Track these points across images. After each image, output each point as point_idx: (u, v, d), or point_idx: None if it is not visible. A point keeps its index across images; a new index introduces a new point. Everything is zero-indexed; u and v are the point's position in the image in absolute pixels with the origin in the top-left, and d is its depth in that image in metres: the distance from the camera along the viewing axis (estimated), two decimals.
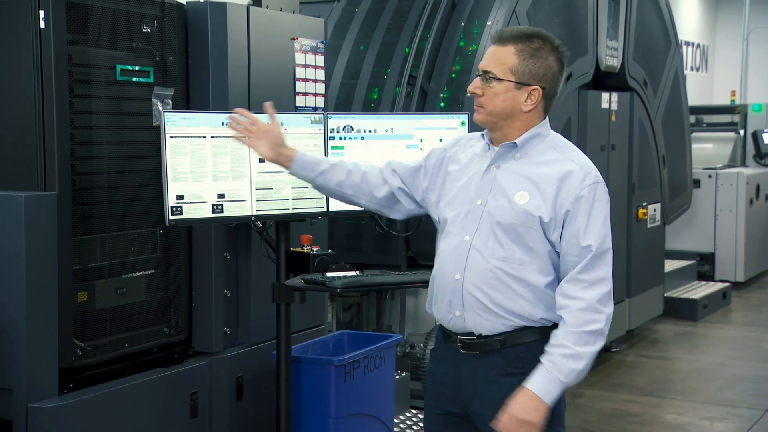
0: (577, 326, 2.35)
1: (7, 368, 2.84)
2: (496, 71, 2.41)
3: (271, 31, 3.69)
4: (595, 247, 2.39)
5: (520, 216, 2.41)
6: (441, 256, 2.51)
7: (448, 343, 2.52)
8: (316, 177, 2.67)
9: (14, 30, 2.95)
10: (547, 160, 2.45)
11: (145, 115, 3.31)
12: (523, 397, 2.33)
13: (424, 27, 5.21)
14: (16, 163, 2.99)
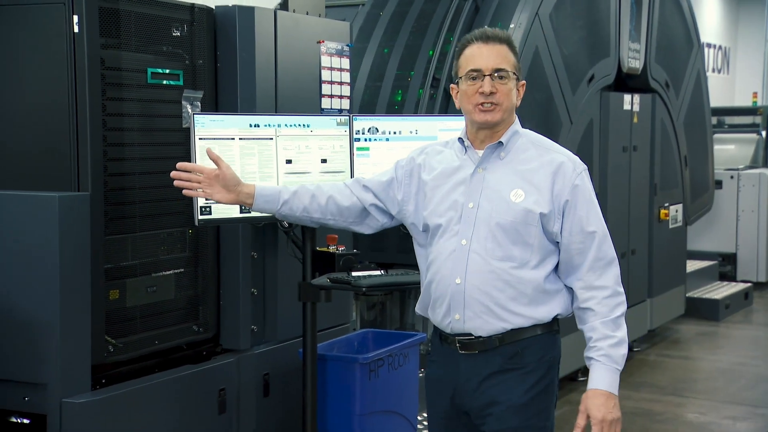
0: (609, 314, 2.41)
1: (41, 364, 2.87)
2: (508, 67, 2.44)
3: (298, 34, 3.70)
4: (599, 231, 2.44)
5: (520, 214, 2.41)
6: (437, 261, 2.48)
7: (445, 344, 2.51)
8: (281, 208, 2.63)
9: (49, 34, 2.97)
10: (531, 156, 2.47)
11: (175, 117, 3.34)
12: (599, 398, 2.38)
13: (448, 30, 5.21)
14: (51, 165, 3.01)
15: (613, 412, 2.38)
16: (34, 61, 3.01)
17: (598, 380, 2.39)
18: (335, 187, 2.67)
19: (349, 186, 2.67)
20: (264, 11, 3.53)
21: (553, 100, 5.31)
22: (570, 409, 5.32)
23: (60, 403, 2.86)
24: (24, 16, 3.02)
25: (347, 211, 2.65)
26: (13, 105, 3.07)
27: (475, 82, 2.43)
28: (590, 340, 2.42)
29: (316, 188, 2.67)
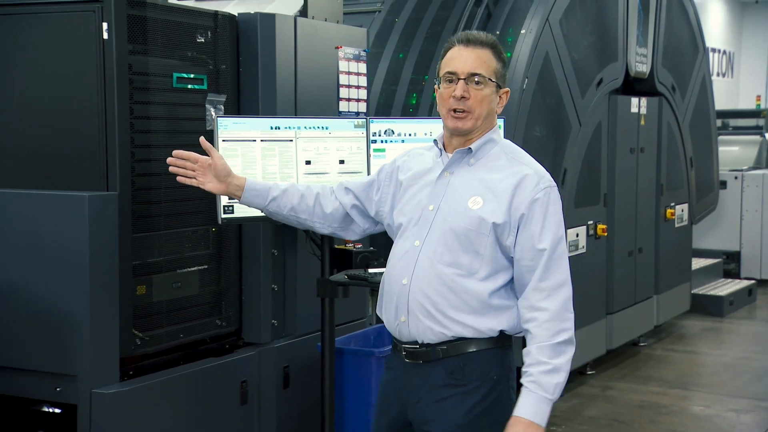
0: (548, 339, 2.22)
1: (72, 356, 2.89)
2: (485, 73, 2.29)
3: (317, 40, 3.71)
4: (549, 250, 2.26)
5: (473, 221, 2.28)
6: (391, 261, 2.40)
7: (396, 352, 2.41)
8: (268, 204, 2.55)
9: (80, 40, 2.98)
10: (501, 165, 2.33)
11: (199, 120, 3.35)
12: (518, 426, 2.20)
13: None
14: (81, 165, 3.02)
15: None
16: (65, 66, 3.03)
17: (522, 407, 2.20)
18: (323, 191, 2.59)
19: (334, 191, 2.60)
20: (284, 18, 3.54)
21: (562, 103, 5.30)
22: (578, 402, 5.31)
23: (90, 394, 2.88)
24: (56, 23, 3.04)
25: (331, 216, 2.58)
26: (46, 108, 3.08)
27: (450, 85, 2.30)
28: (525, 364, 2.23)
29: (306, 189, 2.59)
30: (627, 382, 5.67)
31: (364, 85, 4.01)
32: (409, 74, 5.37)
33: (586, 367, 5.78)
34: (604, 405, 5.22)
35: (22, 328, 2.92)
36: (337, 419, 3.52)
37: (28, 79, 3.09)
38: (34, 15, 3.07)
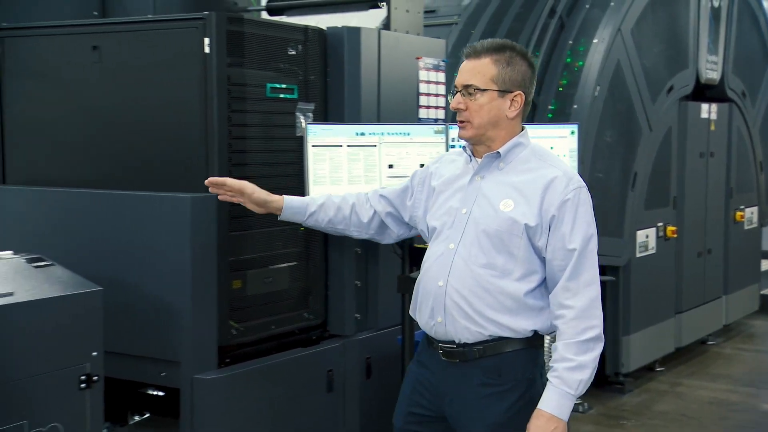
0: (575, 336, 2.18)
1: (176, 344, 2.95)
2: (478, 83, 2.26)
3: (399, 51, 3.73)
4: (579, 250, 2.21)
5: (505, 223, 2.24)
6: (426, 263, 2.36)
7: (431, 349, 2.37)
8: (307, 219, 2.59)
9: (184, 54, 3.04)
10: (530, 168, 2.29)
11: (290, 126, 3.39)
12: (540, 419, 2.17)
13: (534, 46, 5.18)
14: (184, 169, 3.08)
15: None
16: (170, 77, 3.09)
17: (545, 401, 2.18)
18: (359, 200, 2.59)
19: (369, 198, 2.59)
20: (369, 31, 3.57)
21: (633, 109, 5.21)
22: (648, 397, 5.21)
23: (191, 379, 2.93)
24: (163, 39, 3.11)
25: (367, 224, 2.59)
26: (153, 117, 3.15)
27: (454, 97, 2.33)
28: (552, 359, 2.20)
29: (342, 200, 2.59)
30: (696, 379, 5.53)
31: (442, 93, 4.01)
32: None
33: (656, 364, 5.67)
34: (674, 401, 5.10)
35: (132, 319, 3.00)
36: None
37: (136, 89, 3.17)
38: (144, 32, 3.15)
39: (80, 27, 3.32)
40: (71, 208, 3.15)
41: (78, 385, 2.40)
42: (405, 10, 3.86)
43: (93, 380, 2.44)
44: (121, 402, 3.48)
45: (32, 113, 3.40)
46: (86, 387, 2.42)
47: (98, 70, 3.21)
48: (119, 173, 3.21)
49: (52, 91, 3.34)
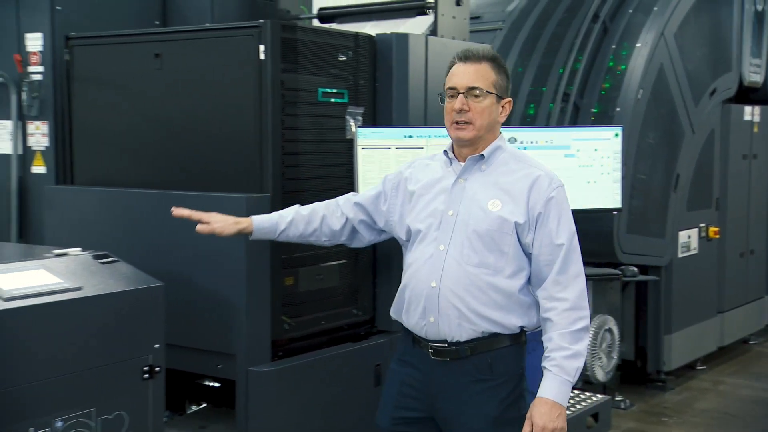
0: (568, 326, 2.21)
1: (232, 338, 2.97)
2: (483, 86, 2.27)
3: (445, 57, 3.67)
4: (567, 245, 2.24)
5: (495, 222, 2.26)
6: (414, 265, 2.34)
7: (418, 348, 2.35)
8: (278, 237, 2.59)
9: (240, 60, 3.07)
10: (512, 169, 2.31)
11: (340, 129, 3.40)
12: (543, 407, 2.19)
13: (578, 50, 5.12)
14: (240, 170, 3.11)
15: (555, 421, 2.18)
16: (227, 83, 3.12)
17: (546, 389, 2.21)
18: (328, 209, 2.59)
19: (340, 206, 2.58)
20: (417, 37, 3.57)
21: (676, 112, 5.12)
22: (690, 395, 5.11)
23: (246, 371, 2.95)
24: (220, 46, 3.14)
25: (339, 232, 2.59)
26: (210, 120, 3.18)
27: (451, 99, 2.30)
28: (546, 349, 2.24)
29: (311, 212, 2.59)
30: (738, 377, 5.41)
31: None
32: (527, 87, 5.32)
33: (697, 363, 5.56)
34: (716, 399, 5.00)
35: (191, 313, 3.03)
36: None
37: (195, 94, 3.20)
38: (203, 40, 3.19)
39: (143, 36, 3.37)
40: (135, 208, 3.20)
41: (141, 376, 2.44)
42: (451, 16, 3.85)
43: (155, 371, 2.47)
44: (180, 392, 3.54)
45: (98, 118, 3.46)
46: (149, 377, 2.45)
47: (160, 77, 3.25)
48: (179, 174, 3.24)
49: (116, 96, 3.40)
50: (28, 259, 2.44)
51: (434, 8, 3.79)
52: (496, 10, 5.81)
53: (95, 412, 2.31)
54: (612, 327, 4.79)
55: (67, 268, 2.41)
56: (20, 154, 3.83)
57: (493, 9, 5.83)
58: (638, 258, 4.97)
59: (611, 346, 4.82)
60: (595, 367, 4.71)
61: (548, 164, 3.07)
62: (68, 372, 2.25)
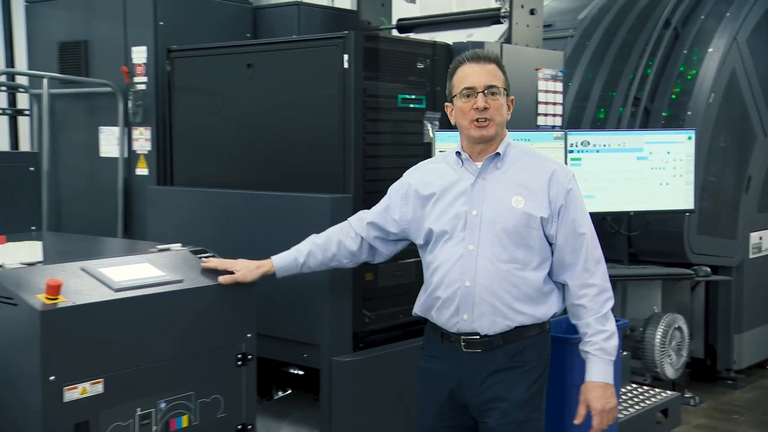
0: (600, 309, 2.25)
1: (316, 329, 3.00)
2: (499, 84, 2.27)
3: (519, 63, 3.68)
4: (588, 233, 2.28)
5: (522, 219, 2.24)
6: (443, 266, 2.30)
7: (447, 342, 2.33)
8: (300, 270, 2.55)
9: (325, 69, 3.09)
10: (526, 165, 2.29)
11: (418, 134, 3.39)
12: (597, 390, 2.24)
13: (649, 56, 4.99)
14: (324, 172, 3.13)
15: (610, 401, 2.24)
16: (313, 90, 3.14)
17: (595, 373, 2.24)
18: (342, 232, 2.55)
19: (353, 227, 2.54)
20: (492, 45, 3.54)
21: (747, 115, 4.93)
22: (760, 393, 4.92)
23: (330, 361, 2.97)
24: (307, 56, 3.17)
25: (358, 252, 2.55)
26: (298, 125, 3.21)
27: (469, 99, 2.25)
28: (585, 335, 2.27)
29: (326, 239, 2.54)
30: None
31: (560, 102, 3.93)
32: (598, 92, 5.22)
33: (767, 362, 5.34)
34: None
35: (279, 306, 3.07)
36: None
37: (284, 101, 3.24)
38: (291, 50, 3.22)
39: (236, 47, 3.44)
40: (228, 207, 3.26)
41: (235, 363, 2.48)
42: (525, 24, 3.81)
43: (248, 359, 2.51)
44: (267, 379, 3.59)
45: (195, 123, 3.54)
46: (242, 365, 2.49)
47: (251, 85, 3.31)
48: (268, 176, 3.29)
49: (212, 103, 3.47)
50: (134, 253, 2.51)
51: (509, 17, 3.76)
52: (567, 18, 5.71)
53: (194, 395, 2.36)
54: (681, 325, 4.66)
55: (169, 262, 2.46)
56: (126, 157, 3.97)
57: (565, 17, 5.73)
58: (708, 258, 4.81)
59: (680, 344, 4.68)
60: (664, 365, 4.58)
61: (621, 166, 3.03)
62: (170, 358, 2.30)
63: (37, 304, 2.03)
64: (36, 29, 4.23)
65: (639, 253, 4.80)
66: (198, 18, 3.92)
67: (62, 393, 2.06)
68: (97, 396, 2.12)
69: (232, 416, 2.47)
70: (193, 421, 2.36)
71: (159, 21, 3.77)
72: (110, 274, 2.26)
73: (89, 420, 2.11)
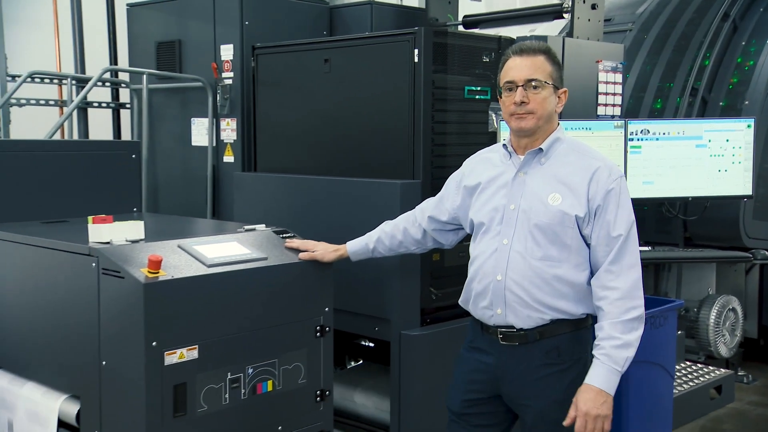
0: (619, 315, 2.00)
1: (388, 305, 3.01)
2: (541, 77, 2.08)
3: (581, 55, 3.59)
4: (624, 236, 2.03)
5: (556, 216, 2.06)
6: (479, 258, 2.18)
7: (486, 334, 2.19)
8: (372, 255, 2.50)
9: (396, 63, 3.08)
10: (571, 161, 2.10)
11: (483, 123, 3.35)
12: (589, 393, 2.00)
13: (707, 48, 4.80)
14: (395, 160, 3.13)
15: (600, 408, 1.99)
16: (385, 83, 3.14)
17: (593, 377, 2.01)
18: (408, 220, 2.47)
19: (417, 218, 2.45)
20: (555, 38, 3.46)
21: None
22: None
23: (399, 334, 2.98)
24: (380, 51, 3.16)
25: (422, 241, 2.46)
26: (371, 116, 3.21)
27: (510, 93, 2.10)
28: (597, 338, 2.03)
29: (394, 227, 2.48)
30: None
31: (619, 93, 3.82)
32: (656, 83, 5.05)
33: None
34: None
35: (354, 283, 3.09)
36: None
37: (358, 93, 3.25)
38: (364, 46, 3.23)
39: (314, 44, 3.45)
40: (307, 191, 3.28)
41: (314, 334, 2.50)
42: (587, 19, 3.70)
43: (326, 330, 2.52)
44: (341, 350, 3.63)
45: (277, 114, 3.58)
46: (320, 336, 2.51)
47: (328, 79, 3.32)
48: (343, 163, 3.30)
49: (292, 96, 3.50)
50: (223, 233, 2.54)
51: (571, 12, 3.66)
52: (626, 12, 5.53)
53: (278, 362, 2.39)
54: (735, 306, 4.51)
55: (255, 241, 2.49)
56: (214, 146, 4.05)
57: (624, 11, 5.55)
58: (764, 243, 4.61)
59: (734, 324, 4.52)
60: (718, 344, 4.44)
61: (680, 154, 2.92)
62: (256, 328, 2.34)
63: (141, 277, 2.09)
64: (136, 30, 4.35)
65: (694, 237, 4.65)
66: (279, 18, 3.96)
67: (163, 357, 2.12)
68: (192, 361, 2.17)
69: (311, 382, 2.50)
70: (277, 386, 2.39)
71: (245, 21, 3.83)
72: (203, 251, 2.31)
73: (186, 382, 2.17)
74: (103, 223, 2.26)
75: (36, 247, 2.41)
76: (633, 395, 3.26)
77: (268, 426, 2.39)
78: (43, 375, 2.46)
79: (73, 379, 2.34)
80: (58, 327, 2.36)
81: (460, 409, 2.27)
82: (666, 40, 5.14)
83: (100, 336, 2.21)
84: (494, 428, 2.26)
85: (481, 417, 2.25)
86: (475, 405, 2.25)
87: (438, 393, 3.06)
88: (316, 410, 2.52)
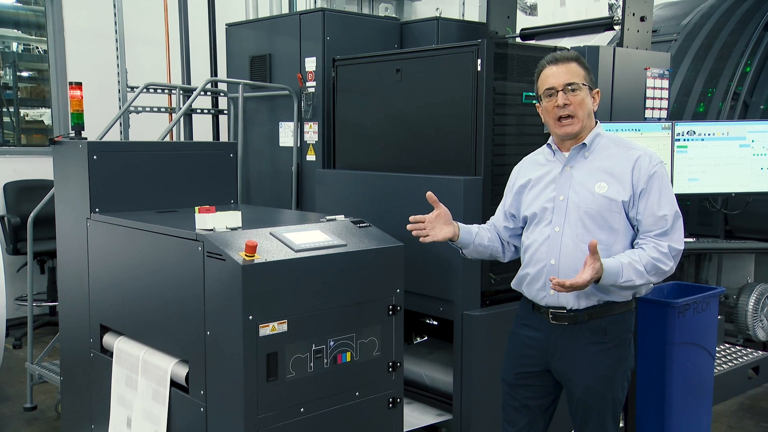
0: (652, 257, 1.96)
1: (452, 288, 2.99)
2: (577, 81, 2.06)
3: (630, 64, 3.45)
4: (671, 216, 2.01)
5: (603, 203, 2.02)
6: (533, 246, 2.14)
7: (538, 314, 2.15)
8: (473, 241, 2.29)
9: (461, 72, 3.05)
10: (613, 153, 2.07)
11: (539, 125, 3.23)
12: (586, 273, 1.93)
13: (749, 55, 4.54)
14: (459, 158, 3.10)
15: (582, 275, 1.90)
16: (451, 90, 3.11)
17: (609, 263, 1.95)
18: (491, 231, 2.36)
19: (496, 227, 2.36)
20: (606, 48, 3.34)
21: None
22: None
23: (462, 314, 2.96)
24: (446, 61, 3.13)
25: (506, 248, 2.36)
26: (438, 119, 3.19)
27: (551, 98, 2.09)
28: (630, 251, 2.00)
29: (487, 228, 2.36)
30: None
31: (665, 97, 3.65)
32: (699, 88, 4.82)
33: None
34: None
35: (422, 267, 3.08)
36: (639, 353, 3.27)
37: (426, 100, 3.22)
38: (432, 57, 3.20)
39: (387, 56, 3.44)
40: (380, 186, 3.28)
41: (387, 312, 2.49)
42: (636, 30, 3.55)
43: (397, 309, 2.52)
44: (408, 327, 3.62)
45: (354, 118, 3.59)
46: (392, 314, 2.50)
47: (400, 86, 3.31)
48: (413, 161, 3.29)
49: (367, 102, 3.50)
50: (307, 222, 2.57)
51: (621, 24, 3.52)
52: (671, 23, 5.29)
53: (355, 336, 2.40)
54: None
55: (335, 229, 2.50)
56: (299, 146, 4.09)
57: (669, 23, 5.31)
58: None
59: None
60: (756, 328, 4.22)
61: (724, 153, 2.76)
62: (337, 306, 2.34)
63: (239, 260, 2.13)
64: (233, 46, 4.43)
65: (735, 230, 4.42)
66: (356, 33, 3.96)
67: (258, 329, 2.15)
68: (282, 333, 2.20)
69: (384, 355, 2.49)
70: (355, 357, 2.40)
71: (326, 36, 3.84)
72: (292, 238, 2.33)
73: (277, 351, 2.19)
74: (208, 212, 2.30)
75: (152, 233, 2.49)
76: (678, 373, 3.14)
77: (346, 392, 2.40)
78: (158, 341, 2.53)
79: (182, 346, 2.40)
80: (170, 301, 2.42)
81: (513, 380, 2.25)
82: (709, 49, 4.90)
83: (205, 310, 2.26)
84: (543, 399, 2.23)
85: (532, 389, 2.22)
86: (527, 377, 2.22)
87: (495, 367, 3.01)
88: (388, 379, 2.52)
